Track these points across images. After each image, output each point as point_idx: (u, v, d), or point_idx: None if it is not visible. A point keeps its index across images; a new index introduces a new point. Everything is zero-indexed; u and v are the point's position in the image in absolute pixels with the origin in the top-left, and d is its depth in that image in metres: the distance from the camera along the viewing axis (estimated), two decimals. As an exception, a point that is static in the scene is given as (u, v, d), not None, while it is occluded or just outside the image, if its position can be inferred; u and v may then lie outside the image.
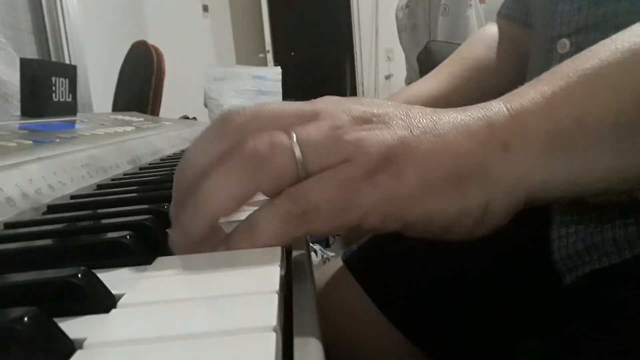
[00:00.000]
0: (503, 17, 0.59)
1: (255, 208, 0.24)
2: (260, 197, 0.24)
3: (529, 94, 0.25)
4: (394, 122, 0.24)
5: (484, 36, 0.61)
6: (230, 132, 0.24)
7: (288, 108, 0.25)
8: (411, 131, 0.24)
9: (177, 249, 0.24)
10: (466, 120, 0.25)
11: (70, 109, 0.71)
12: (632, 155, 0.24)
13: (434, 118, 0.25)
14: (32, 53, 1.77)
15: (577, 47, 0.40)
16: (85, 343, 0.15)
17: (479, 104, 0.26)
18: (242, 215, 0.24)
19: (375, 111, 0.25)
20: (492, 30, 0.61)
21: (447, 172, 0.24)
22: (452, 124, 0.25)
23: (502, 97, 0.26)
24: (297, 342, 0.16)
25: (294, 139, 0.23)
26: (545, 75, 0.26)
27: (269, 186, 0.23)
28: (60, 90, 0.69)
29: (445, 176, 0.24)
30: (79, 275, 0.17)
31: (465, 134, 0.24)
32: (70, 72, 0.72)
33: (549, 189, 0.25)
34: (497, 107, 0.25)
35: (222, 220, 0.24)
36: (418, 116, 0.25)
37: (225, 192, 0.23)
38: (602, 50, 0.25)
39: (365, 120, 0.24)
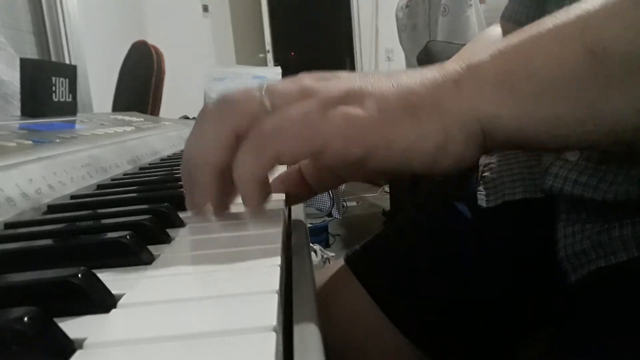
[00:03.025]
0: (508, 20, 0.58)
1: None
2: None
3: (486, 50, 0.27)
4: (352, 76, 0.28)
5: (487, 38, 0.60)
6: (224, 113, 0.27)
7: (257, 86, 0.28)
8: (367, 80, 0.27)
9: (199, 206, 0.29)
10: (421, 71, 0.28)
11: (70, 109, 0.71)
12: (585, 107, 0.25)
13: (391, 73, 0.28)
14: (32, 53, 1.77)
15: None
16: (85, 343, 0.15)
17: None
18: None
19: (336, 73, 0.28)
20: (495, 32, 0.60)
21: (402, 103, 0.26)
22: (408, 74, 0.28)
23: None
24: (297, 342, 0.16)
25: (263, 89, 0.27)
26: (507, 36, 0.28)
27: (241, 127, 0.26)
28: (60, 90, 0.69)
29: (401, 106, 0.26)
30: (79, 275, 0.17)
31: (418, 77, 0.27)
32: (70, 72, 0.72)
33: (502, 126, 0.26)
34: (453, 62, 0.28)
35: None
36: (375, 74, 0.28)
37: (209, 141, 0.26)
38: (558, 13, 0.27)
39: (325, 77, 0.28)
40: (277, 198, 0.34)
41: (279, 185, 0.33)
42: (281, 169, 0.34)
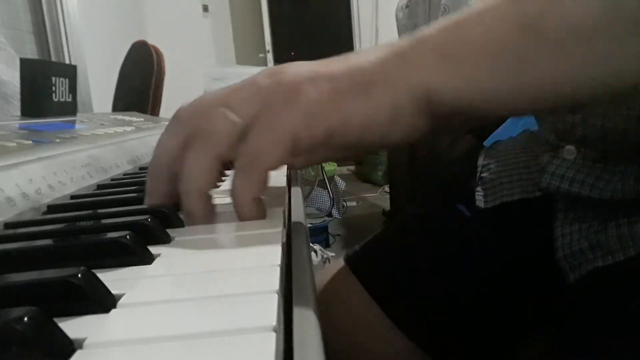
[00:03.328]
0: None
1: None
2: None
3: (433, 25, 0.29)
4: (304, 64, 0.29)
5: None
6: (182, 123, 0.30)
7: (220, 90, 0.30)
8: (318, 64, 0.29)
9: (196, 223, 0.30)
10: (372, 50, 0.29)
11: (70, 109, 0.71)
12: (521, 76, 0.27)
13: (343, 56, 0.30)
14: (32, 53, 1.77)
15: None
16: (85, 343, 0.15)
17: None
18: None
19: (286, 65, 0.30)
20: None
21: (351, 81, 0.28)
22: (358, 54, 0.29)
23: None
24: (297, 342, 0.16)
25: (224, 107, 0.28)
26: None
27: (225, 149, 0.28)
28: (60, 90, 0.69)
29: (351, 85, 0.28)
30: (79, 275, 0.17)
31: (368, 56, 0.29)
32: (70, 72, 0.72)
33: (445, 94, 0.28)
34: (403, 38, 0.29)
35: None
36: (328, 59, 0.30)
37: (198, 169, 0.28)
38: None
39: (277, 72, 0.29)
40: (278, 197, 0.34)
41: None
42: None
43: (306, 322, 0.17)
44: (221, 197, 0.37)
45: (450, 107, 0.28)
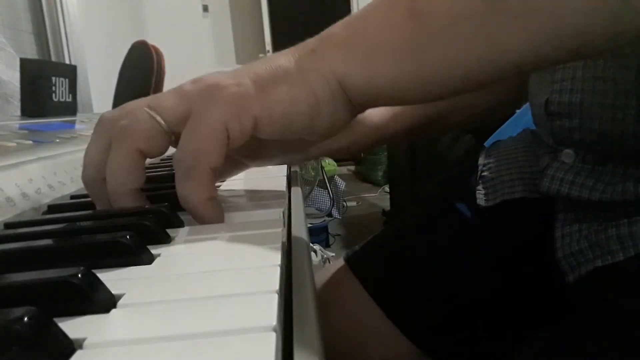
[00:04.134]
0: None
1: None
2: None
3: (340, 22, 0.31)
4: (227, 71, 0.31)
5: None
6: (106, 127, 0.31)
7: (148, 97, 0.31)
8: (242, 68, 0.31)
9: None
10: (288, 50, 0.31)
11: (70, 109, 0.71)
12: (415, 62, 0.28)
13: (264, 59, 0.31)
14: (32, 53, 1.77)
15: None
16: (85, 343, 0.15)
17: None
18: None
19: (211, 73, 0.31)
20: None
21: (272, 75, 0.30)
22: (277, 55, 0.31)
23: None
24: (297, 342, 0.16)
25: (152, 107, 0.29)
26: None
27: (146, 143, 0.29)
28: (60, 90, 0.69)
29: (272, 78, 0.30)
30: (79, 275, 0.17)
31: (284, 54, 0.31)
32: (70, 72, 0.72)
33: (354, 82, 0.30)
34: (315, 37, 0.31)
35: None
36: (249, 64, 0.31)
37: (120, 166, 0.29)
38: None
39: (201, 78, 0.31)
40: (278, 197, 0.34)
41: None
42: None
43: (306, 322, 0.17)
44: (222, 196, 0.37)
45: (361, 93, 0.30)
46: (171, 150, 0.70)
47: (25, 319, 0.14)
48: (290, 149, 0.38)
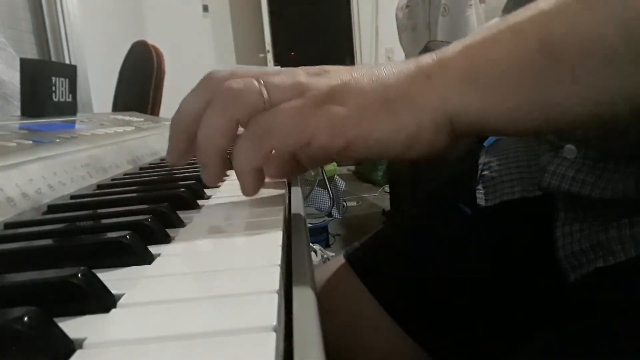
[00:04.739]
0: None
1: None
2: None
3: (455, 45, 0.30)
4: (340, 72, 0.30)
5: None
6: (212, 84, 0.31)
7: (259, 68, 0.32)
8: (352, 75, 0.30)
9: (211, 184, 0.33)
10: (399, 65, 0.30)
11: (70, 109, 0.71)
12: (539, 97, 0.27)
13: (373, 67, 0.31)
14: (32, 53, 1.77)
15: None
16: (85, 343, 0.15)
17: None
18: None
19: (326, 68, 0.31)
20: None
21: (378, 98, 0.29)
22: (387, 68, 0.30)
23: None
24: (297, 342, 0.16)
25: (262, 82, 0.29)
26: (474, 31, 0.31)
27: (243, 117, 0.29)
28: (60, 90, 0.69)
29: (378, 102, 0.29)
30: (79, 275, 0.17)
31: (395, 72, 0.30)
32: (70, 72, 0.72)
33: (467, 116, 0.29)
34: (427, 55, 0.30)
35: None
36: (360, 67, 0.31)
37: (216, 128, 0.29)
38: (518, 12, 0.29)
39: (317, 73, 0.31)
40: (278, 197, 0.34)
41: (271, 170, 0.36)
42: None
43: (306, 322, 0.17)
44: (223, 196, 0.37)
45: (470, 126, 0.29)
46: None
47: (25, 319, 0.14)
48: (356, 161, 0.38)
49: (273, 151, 0.30)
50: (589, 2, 0.26)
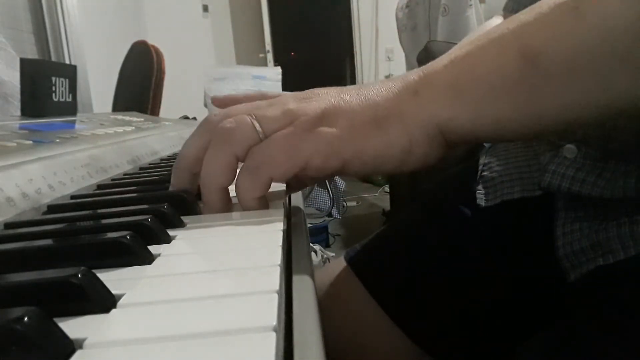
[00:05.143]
0: (510, 12, 0.58)
1: None
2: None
3: (441, 59, 0.31)
4: (330, 94, 0.32)
5: (488, 29, 0.60)
6: (210, 127, 0.32)
7: (251, 103, 0.33)
8: (341, 97, 0.31)
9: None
10: (387, 83, 0.31)
11: (70, 109, 0.71)
12: (524, 107, 0.28)
13: (362, 87, 0.32)
14: (32, 53, 1.77)
15: None
16: (85, 343, 0.15)
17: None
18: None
19: (316, 91, 0.32)
20: (496, 24, 0.60)
21: (369, 117, 0.30)
22: (375, 87, 0.31)
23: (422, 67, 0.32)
24: (297, 342, 0.16)
25: (253, 116, 0.31)
26: (460, 43, 0.31)
27: (241, 152, 0.30)
28: (60, 90, 0.69)
29: (368, 120, 0.30)
30: (79, 275, 0.17)
31: (383, 90, 0.31)
32: (70, 72, 0.72)
33: (458, 126, 0.30)
34: (414, 72, 0.31)
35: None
36: (349, 88, 0.32)
37: (216, 167, 0.30)
38: (501, 24, 0.30)
39: (306, 97, 0.32)
40: (278, 198, 0.34)
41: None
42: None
43: (306, 322, 0.17)
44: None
45: (461, 137, 0.30)
46: (171, 150, 0.69)
47: (25, 319, 0.14)
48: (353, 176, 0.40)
49: (271, 181, 0.31)
50: (569, 12, 0.27)
